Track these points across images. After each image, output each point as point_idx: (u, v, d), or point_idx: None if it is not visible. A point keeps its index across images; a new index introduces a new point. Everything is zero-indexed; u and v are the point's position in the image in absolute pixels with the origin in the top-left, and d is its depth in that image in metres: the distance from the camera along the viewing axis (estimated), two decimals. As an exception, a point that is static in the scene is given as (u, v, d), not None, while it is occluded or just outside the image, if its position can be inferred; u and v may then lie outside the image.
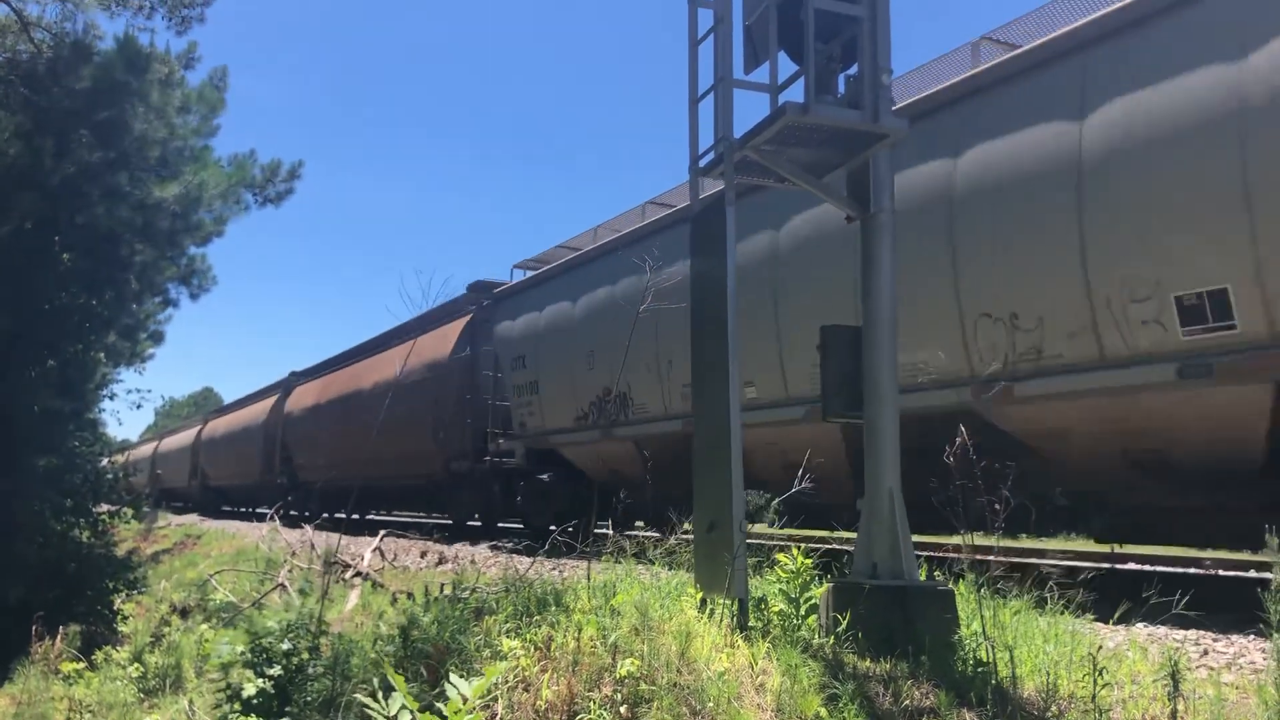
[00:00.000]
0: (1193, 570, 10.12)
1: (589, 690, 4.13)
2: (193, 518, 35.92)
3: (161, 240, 14.35)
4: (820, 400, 5.90)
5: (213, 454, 38.93)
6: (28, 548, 12.78)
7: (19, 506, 12.84)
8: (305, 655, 4.40)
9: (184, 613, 11.27)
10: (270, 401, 32.32)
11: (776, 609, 5.15)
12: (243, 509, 36.97)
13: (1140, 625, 6.38)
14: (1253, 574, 9.67)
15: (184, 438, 46.10)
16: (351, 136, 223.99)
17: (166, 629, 10.16)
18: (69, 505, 13.71)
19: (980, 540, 4.84)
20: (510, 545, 15.21)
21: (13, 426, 13.09)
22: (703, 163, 5.93)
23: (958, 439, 4.33)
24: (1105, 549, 9.51)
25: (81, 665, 8.91)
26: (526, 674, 4.29)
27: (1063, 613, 5.59)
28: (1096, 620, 5.95)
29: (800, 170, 5.78)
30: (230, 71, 15.97)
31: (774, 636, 4.79)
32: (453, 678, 3.33)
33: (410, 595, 8.44)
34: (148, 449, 53.95)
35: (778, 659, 4.38)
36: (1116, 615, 5.55)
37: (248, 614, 8.23)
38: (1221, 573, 10.03)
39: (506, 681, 4.19)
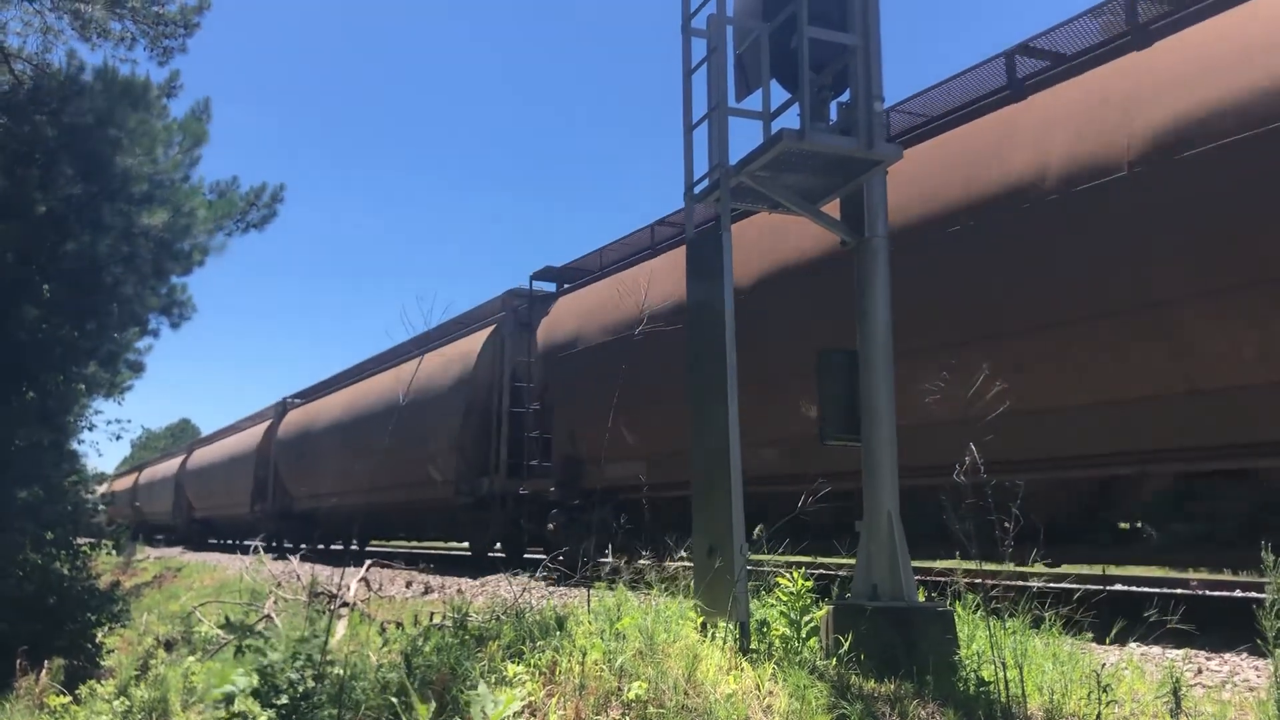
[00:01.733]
0: (1179, 590, 10.20)
1: (597, 714, 4.12)
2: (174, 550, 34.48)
3: (145, 270, 14.29)
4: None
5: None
6: (6, 581, 12.60)
7: (-1, 539, 12.69)
8: (311, 683, 4.38)
9: (169, 645, 11.14)
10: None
11: (778, 632, 5.16)
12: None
13: (1134, 644, 6.43)
14: (1239, 594, 9.77)
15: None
16: (332, 165, 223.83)
17: (152, 662, 10.04)
18: (49, 537, 13.54)
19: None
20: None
21: (-7, 459, 12.96)
22: (698, 189, 6.00)
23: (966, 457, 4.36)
24: (1097, 570, 9.57)
25: (67, 700, 8.78)
26: (532, 699, 4.28)
27: (1059, 633, 5.64)
28: (1091, 640, 6.01)
29: (795, 196, 5.85)
30: (212, 99, 16.04)
31: (777, 659, 4.80)
32: (481, 687, 3.33)
33: (400, 625, 8.40)
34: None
35: (784, 680, 4.39)
36: (1113, 633, 5.60)
37: (240, 643, 8.14)
38: (1209, 593, 10.12)
39: (516, 710, 4.18)
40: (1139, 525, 8.13)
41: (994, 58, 8.72)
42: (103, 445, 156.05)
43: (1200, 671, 5.99)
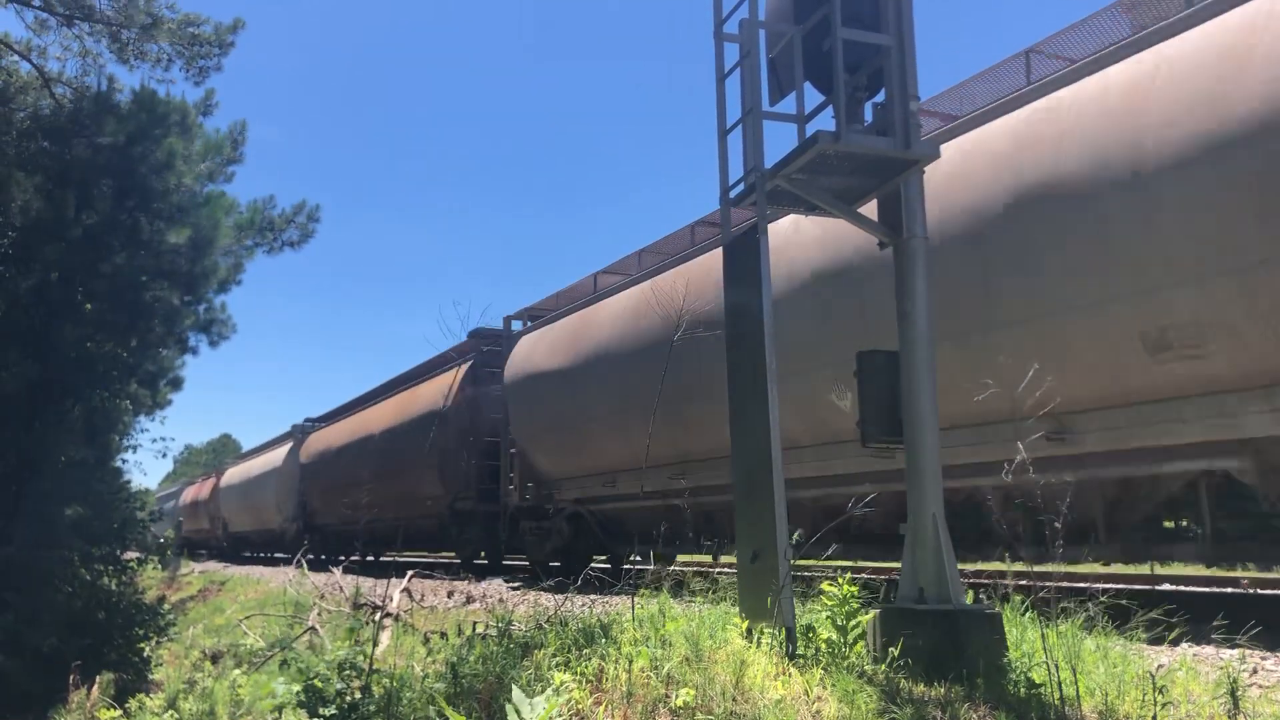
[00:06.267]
0: (1230, 590, 10.03)
1: (645, 721, 4.11)
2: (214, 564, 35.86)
3: (182, 286, 14.48)
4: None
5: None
6: (57, 596, 12.81)
7: (48, 555, 12.88)
8: (357, 694, 4.40)
9: (215, 658, 11.25)
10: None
11: (825, 637, 5.12)
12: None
13: (1185, 645, 6.33)
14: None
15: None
16: (368, 180, 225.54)
17: (199, 675, 10.14)
18: (97, 553, 13.74)
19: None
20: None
21: (40, 475, 13.16)
22: (733, 194, 5.98)
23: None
24: (1145, 570, 9.44)
25: (117, 713, 8.89)
26: (580, 706, 4.27)
27: (1110, 634, 5.55)
28: (1143, 641, 5.91)
29: (831, 198, 5.82)
30: (244, 116, 16.30)
31: (824, 664, 4.77)
32: (516, 695, 3.33)
33: (444, 635, 8.41)
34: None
35: (832, 686, 4.36)
36: (1173, 635, 5.51)
37: (284, 657, 8.20)
38: (1260, 591, 9.94)
39: (561, 715, 4.18)
40: (1184, 524, 8.05)
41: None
42: (146, 464, 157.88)
43: (1255, 671, 5.86)
